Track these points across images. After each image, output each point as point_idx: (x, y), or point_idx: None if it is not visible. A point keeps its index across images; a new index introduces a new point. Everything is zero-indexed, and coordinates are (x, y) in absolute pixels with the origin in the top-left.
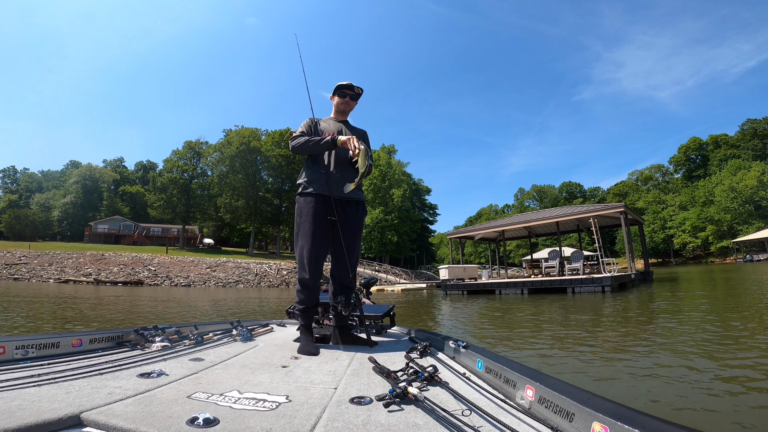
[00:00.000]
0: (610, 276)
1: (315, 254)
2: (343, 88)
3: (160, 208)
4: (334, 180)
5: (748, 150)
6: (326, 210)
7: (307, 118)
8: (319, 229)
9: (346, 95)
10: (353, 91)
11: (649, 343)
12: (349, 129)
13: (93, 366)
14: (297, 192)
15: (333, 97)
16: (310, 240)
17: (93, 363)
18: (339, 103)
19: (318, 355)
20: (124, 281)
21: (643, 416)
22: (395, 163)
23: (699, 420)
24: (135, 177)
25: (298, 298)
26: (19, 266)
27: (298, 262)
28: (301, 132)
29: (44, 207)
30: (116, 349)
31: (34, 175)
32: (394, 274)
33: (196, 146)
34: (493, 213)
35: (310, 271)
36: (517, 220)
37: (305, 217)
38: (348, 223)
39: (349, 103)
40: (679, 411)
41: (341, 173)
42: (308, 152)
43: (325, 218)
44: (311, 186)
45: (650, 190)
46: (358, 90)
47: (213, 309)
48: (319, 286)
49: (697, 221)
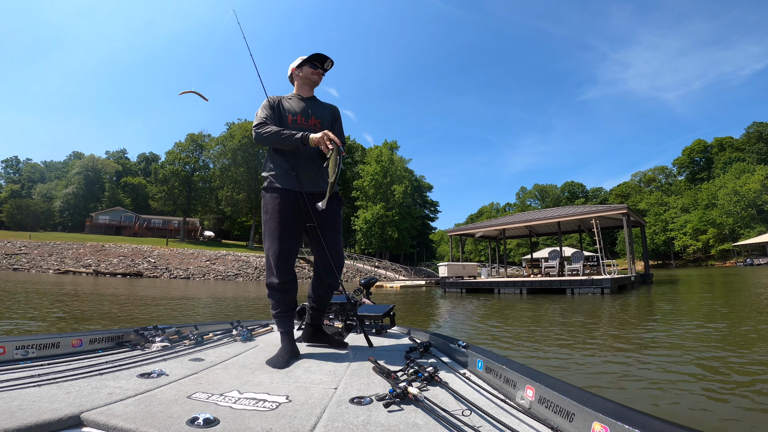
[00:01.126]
0: (609, 278)
1: (284, 255)
2: (315, 59)
3: (162, 200)
4: (306, 172)
5: (753, 153)
6: (296, 205)
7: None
8: (287, 228)
9: (317, 66)
10: (324, 67)
11: (648, 345)
12: (317, 106)
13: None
14: (262, 186)
15: (299, 69)
16: (278, 241)
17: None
18: (310, 74)
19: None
20: (123, 273)
21: (643, 416)
22: (397, 159)
23: (699, 420)
24: (137, 168)
25: (271, 304)
26: (19, 256)
27: (266, 265)
28: (264, 118)
29: (46, 197)
30: (116, 349)
31: (37, 166)
32: (394, 270)
33: (198, 139)
34: (495, 211)
35: (279, 274)
36: (518, 219)
37: (271, 215)
38: (323, 220)
39: (321, 75)
40: (680, 411)
41: (312, 165)
42: (275, 146)
43: (294, 215)
44: (278, 181)
45: (653, 191)
46: (329, 65)
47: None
48: (292, 288)
49: (699, 224)
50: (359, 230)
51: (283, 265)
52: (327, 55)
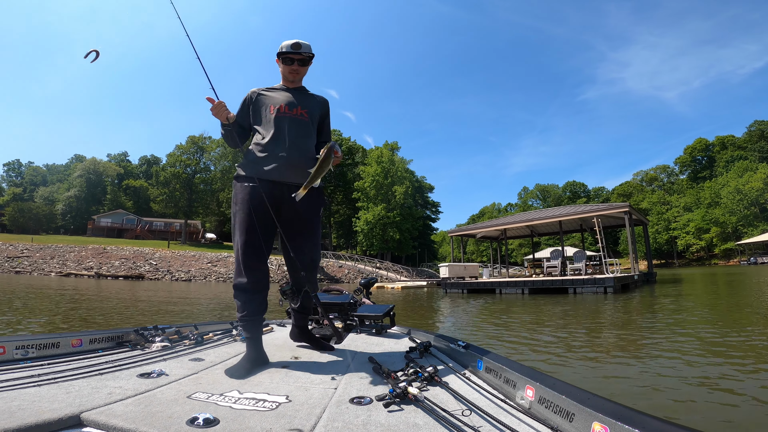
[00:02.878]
0: (612, 277)
1: (253, 250)
2: (288, 53)
3: (163, 202)
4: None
5: (755, 152)
6: (269, 197)
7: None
8: (257, 222)
9: (292, 61)
10: (300, 54)
11: (650, 345)
12: (305, 97)
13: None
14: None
15: (278, 62)
16: (245, 234)
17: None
18: (286, 72)
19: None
20: (125, 275)
21: (643, 416)
22: (398, 160)
23: (699, 420)
24: (139, 171)
25: (236, 306)
26: (21, 259)
27: (235, 262)
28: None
29: (48, 200)
30: (116, 349)
31: (39, 169)
32: (395, 271)
33: (199, 141)
34: (496, 212)
35: (247, 272)
36: (520, 218)
37: (240, 206)
38: (297, 215)
39: (298, 71)
40: (679, 411)
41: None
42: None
43: (266, 207)
44: (247, 169)
45: (655, 190)
46: (306, 52)
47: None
48: (262, 289)
49: (702, 223)
50: (360, 231)
51: (252, 261)
52: (301, 43)
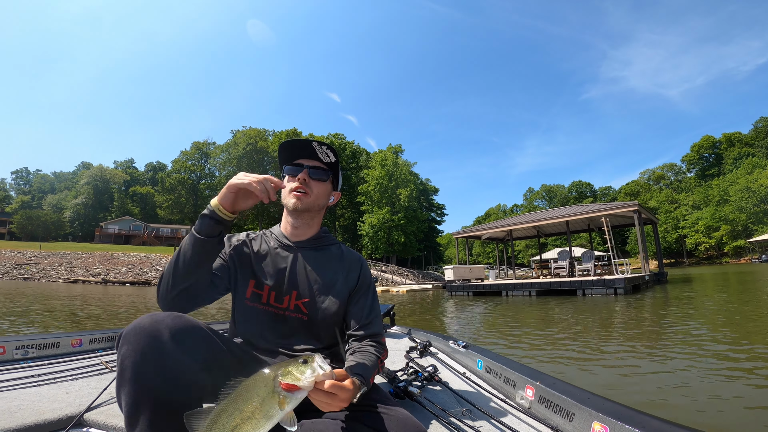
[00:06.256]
0: (623, 278)
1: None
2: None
3: (169, 208)
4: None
5: (763, 148)
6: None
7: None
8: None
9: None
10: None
11: (660, 348)
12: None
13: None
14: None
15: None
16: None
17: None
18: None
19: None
20: (131, 281)
21: (643, 416)
22: (402, 162)
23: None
24: (145, 178)
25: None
26: (29, 266)
27: None
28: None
29: (56, 208)
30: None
31: (47, 177)
32: (401, 274)
33: (203, 147)
34: (502, 213)
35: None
36: (526, 219)
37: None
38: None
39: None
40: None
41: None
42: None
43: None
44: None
45: (662, 189)
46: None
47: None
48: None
49: (711, 221)
50: (365, 235)
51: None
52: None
